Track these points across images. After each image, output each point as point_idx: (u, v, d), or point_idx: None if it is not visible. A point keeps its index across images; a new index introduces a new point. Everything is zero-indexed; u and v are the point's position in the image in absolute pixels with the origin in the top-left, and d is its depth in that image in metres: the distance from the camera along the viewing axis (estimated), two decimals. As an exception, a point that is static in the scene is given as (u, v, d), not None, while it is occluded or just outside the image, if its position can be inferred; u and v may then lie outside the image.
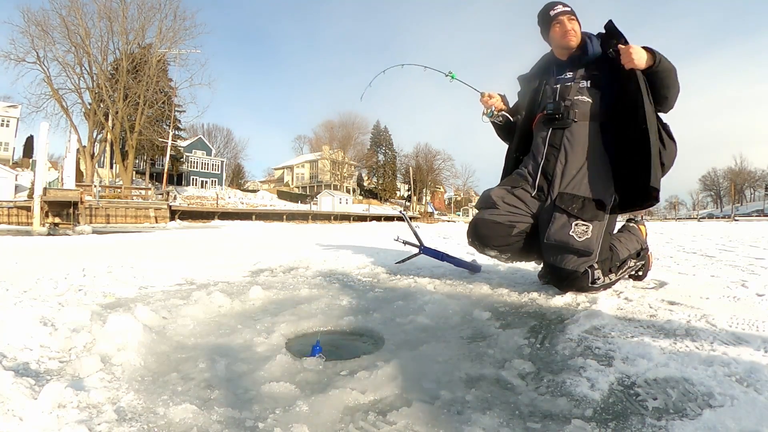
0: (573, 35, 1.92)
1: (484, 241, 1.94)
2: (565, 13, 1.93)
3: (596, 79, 1.89)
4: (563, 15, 1.92)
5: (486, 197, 2.01)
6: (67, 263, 3.10)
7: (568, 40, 1.92)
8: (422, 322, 1.50)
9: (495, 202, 1.95)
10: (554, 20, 1.93)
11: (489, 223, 1.92)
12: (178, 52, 33.47)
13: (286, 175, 66.15)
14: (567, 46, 1.95)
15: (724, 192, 74.86)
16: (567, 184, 1.84)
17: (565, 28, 1.91)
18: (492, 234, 1.91)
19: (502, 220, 1.91)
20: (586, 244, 1.72)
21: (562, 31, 1.92)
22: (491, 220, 1.92)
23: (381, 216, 39.56)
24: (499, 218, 1.91)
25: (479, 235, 1.95)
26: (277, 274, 2.77)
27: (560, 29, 1.93)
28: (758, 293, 1.81)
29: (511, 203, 1.93)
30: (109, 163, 37.26)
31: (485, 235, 1.93)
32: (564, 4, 1.96)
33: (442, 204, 71.41)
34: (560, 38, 1.94)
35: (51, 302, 1.70)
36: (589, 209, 1.75)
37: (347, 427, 0.81)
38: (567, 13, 1.93)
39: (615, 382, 0.98)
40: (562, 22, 1.92)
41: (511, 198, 1.94)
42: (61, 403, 0.83)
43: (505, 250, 1.95)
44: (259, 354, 1.21)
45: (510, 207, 1.93)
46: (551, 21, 1.94)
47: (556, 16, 1.93)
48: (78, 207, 19.88)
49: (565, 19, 1.92)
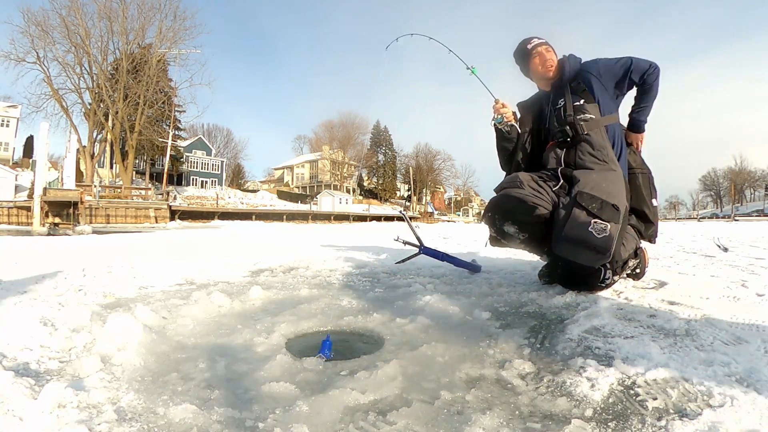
0: (551, 64, 2.05)
1: (507, 215, 1.94)
2: (542, 44, 2.06)
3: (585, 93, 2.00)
4: (540, 46, 2.05)
5: (512, 178, 2.02)
6: (67, 263, 3.09)
7: (547, 70, 2.05)
8: (422, 322, 1.50)
9: (522, 181, 1.97)
10: (532, 53, 2.06)
11: (514, 198, 1.92)
12: (178, 52, 33.49)
13: (286, 175, 66.16)
14: (546, 76, 2.07)
15: (724, 192, 74.84)
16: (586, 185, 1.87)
17: (544, 58, 2.05)
18: (517, 209, 1.91)
19: (527, 199, 1.91)
20: (604, 241, 1.73)
21: (541, 61, 2.05)
22: (516, 196, 1.92)
23: (381, 216, 39.56)
24: (525, 197, 1.92)
25: (503, 208, 1.95)
26: (277, 274, 2.77)
27: (539, 60, 2.05)
28: (758, 293, 1.81)
29: (535, 188, 1.95)
30: (109, 163, 37.26)
31: (509, 209, 1.93)
32: (539, 37, 2.09)
33: (442, 204, 71.39)
34: (540, 68, 2.06)
35: (51, 302, 1.69)
36: (607, 210, 1.78)
37: (347, 427, 0.81)
38: (544, 45, 2.06)
39: (615, 382, 0.98)
40: (540, 53, 2.05)
41: (535, 184, 1.97)
42: (61, 403, 0.83)
43: (524, 228, 1.94)
44: (259, 354, 1.21)
45: (534, 191, 1.94)
46: (530, 54, 2.07)
47: (534, 48, 2.06)
48: (78, 207, 19.89)
49: (543, 50, 2.05)
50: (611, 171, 1.91)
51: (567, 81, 2.02)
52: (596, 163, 1.94)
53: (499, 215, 1.97)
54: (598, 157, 1.94)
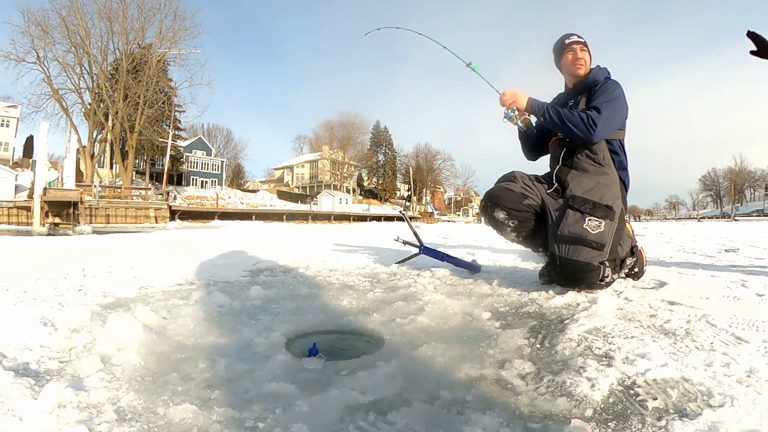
0: (582, 63, 2.12)
1: (496, 200, 2.11)
2: (579, 43, 2.14)
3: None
4: (576, 44, 2.13)
5: (508, 174, 2.20)
6: (67, 263, 3.09)
7: (577, 68, 2.12)
8: (422, 322, 1.50)
9: (516, 177, 2.15)
10: (568, 48, 2.14)
11: (503, 189, 2.11)
12: (178, 52, 33.49)
13: (286, 175, 66.14)
14: (575, 73, 2.14)
15: (724, 192, 74.84)
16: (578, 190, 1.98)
17: (576, 56, 2.12)
18: (504, 196, 2.09)
19: (515, 189, 2.09)
20: (599, 237, 1.83)
21: (573, 58, 2.13)
22: (506, 187, 2.12)
23: (381, 216, 39.56)
24: (514, 188, 2.10)
25: (492, 196, 2.14)
26: (277, 274, 2.76)
27: (572, 56, 2.13)
28: (758, 293, 1.81)
29: (527, 184, 2.12)
30: (109, 163, 37.26)
31: (498, 195, 2.11)
32: (579, 36, 2.17)
33: (442, 204, 71.39)
34: (570, 65, 2.14)
35: (51, 302, 1.70)
36: (600, 210, 1.89)
37: (347, 427, 0.81)
38: (580, 44, 2.14)
39: (615, 382, 0.97)
40: (574, 51, 2.13)
41: (529, 182, 2.14)
42: (61, 403, 0.83)
43: (513, 214, 2.08)
44: (259, 354, 1.21)
45: (525, 186, 2.11)
46: (565, 48, 2.15)
47: (570, 44, 2.14)
48: (78, 207, 19.90)
49: (578, 48, 2.13)
50: (605, 175, 2.00)
51: (589, 87, 2.10)
52: (592, 165, 2.02)
53: (490, 203, 2.14)
54: (595, 161, 2.02)
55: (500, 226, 2.15)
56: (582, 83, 2.14)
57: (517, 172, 2.19)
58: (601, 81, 2.08)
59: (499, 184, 2.17)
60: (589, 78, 2.11)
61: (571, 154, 2.06)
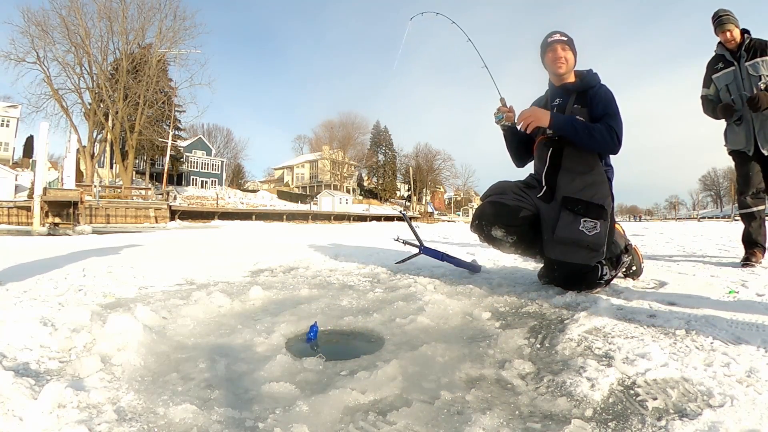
0: (563, 62, 2.07)
1: (492, 219, 2.05)
2: (560, 42, 2.09)
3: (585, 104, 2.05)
4: (558, 43, 2.08)
5: (496, 185, 2.15)
6: (67, 263, 3.09)
7: (558, 66, 2.08)
8: (422, 322, 1.50)
9: (505, 189, 2.10)
10: (549, 47, 2.10)
11: (497, 204, 2.05)
12: (178, 52, 33.45)
13: (286, 175, 66.11)
14: (556, 72, 2.10)
15: (724, 192, 74.79)
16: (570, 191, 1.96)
17: (557, 55, 2.07)
18: (500, 212, 2.03)
19: (509, 203, 2.04)
20: (596, 238, 1.83)
21: (553, 57, 2.09)
22: (499, 201, 2.05)
23: (381, 216, 39.54)
24: (507, 201, 2.04)
25: (487, 213, 2.07)
26: (277, 274, 2.76)
27: (552, 55, 2.09)
28: (758, 293, 1.81)
29: (518, 194, 2.07)
30: (109, 163, 37.22)
31: (493, 213, 2.05)
32: (562, 33, 2.12)
33: (442, 204, 71.36)
34: (551, 63, 2.10)
35: (51, 302, 1.70)
36: (593, 210, 1.87)
37: (347, 427, 0.81)
38: (562, 42, 2.09)
39: (615, 382, 0.98)
40: (555, 50, 2.08)
41: (519, 190, 2.09)
42: (61, 403, 0.83)
43: (512, 231, 2.04)
44: (259, 354, 1.21)
45: (517, 196, 2.06)
46: (547, 47, 2.11)
47: (551, 43, 2.09)
48: (78, 207, 19.88)
49: (559, 47, 2.08)
50: (593, 173, 1.98)
51: (576, 90, 2.08)
52: (579, 165, 2.00)
53: (486, 221, 2.08)
54: (582, 159, 2.00)
55: (498, 243, 2.11)
56: (573, 84, 2.11)
57: (504, 183, 2.14)
58: (595, 85, 2.06)
59: (489, 198, 2.10)
60: (583, 81, 2.08)
61: (558, 153, 2.03)
